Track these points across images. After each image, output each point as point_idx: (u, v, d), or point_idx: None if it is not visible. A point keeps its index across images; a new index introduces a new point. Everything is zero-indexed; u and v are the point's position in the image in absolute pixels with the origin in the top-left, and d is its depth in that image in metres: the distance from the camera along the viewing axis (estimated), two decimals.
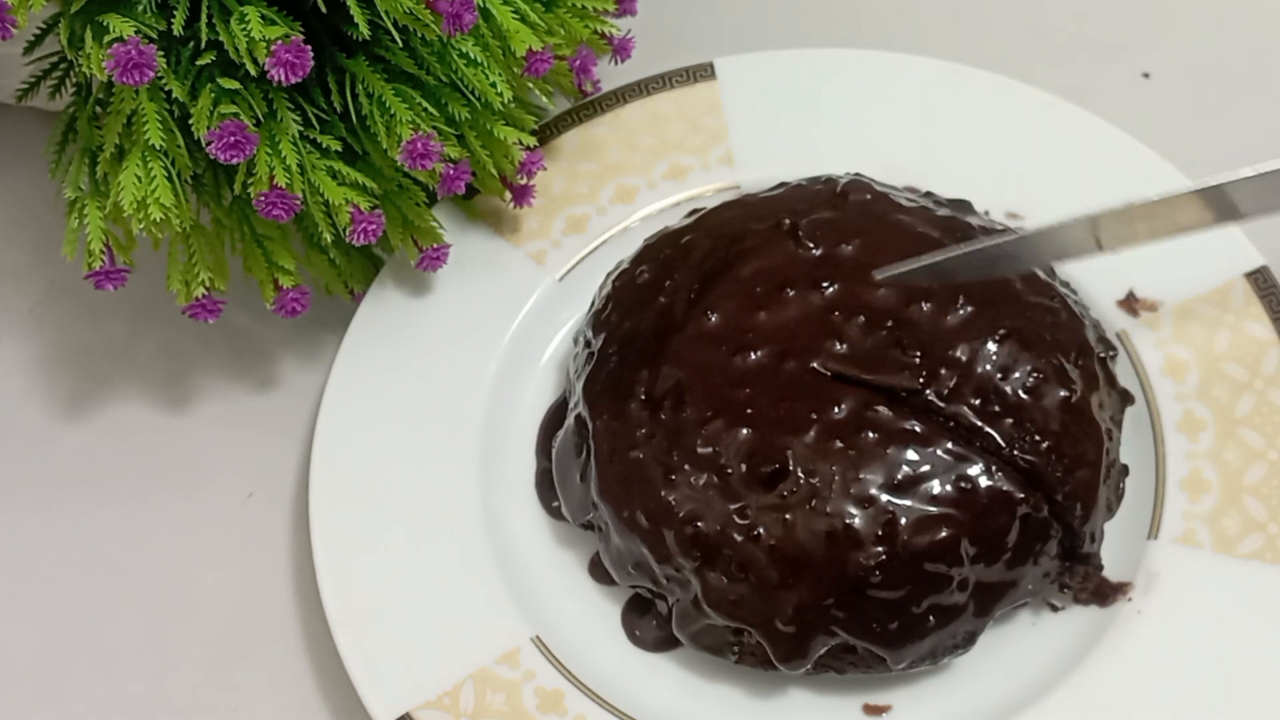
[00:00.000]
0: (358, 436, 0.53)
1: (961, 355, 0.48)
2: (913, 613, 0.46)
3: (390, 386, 0.54)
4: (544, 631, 0.49)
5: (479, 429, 0.53)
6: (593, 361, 0.52)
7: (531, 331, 0.56)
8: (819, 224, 0.52)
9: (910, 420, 0.47)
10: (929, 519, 0.46)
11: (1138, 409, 0.52)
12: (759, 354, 0.49)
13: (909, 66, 0.60)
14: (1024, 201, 0.56)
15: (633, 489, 0.49)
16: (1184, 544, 0.49)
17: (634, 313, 0.52)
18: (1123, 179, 0.56)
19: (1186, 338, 0.53)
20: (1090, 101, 0.63)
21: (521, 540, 0.52)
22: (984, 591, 0.47)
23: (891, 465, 0.47)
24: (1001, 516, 0.47)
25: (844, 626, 0.46)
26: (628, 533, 0.48)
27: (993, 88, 0.59)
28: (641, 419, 0.49)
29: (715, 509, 0.47)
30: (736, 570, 0.46)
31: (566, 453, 0.52)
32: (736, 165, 0.58)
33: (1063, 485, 0.47)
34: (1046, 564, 0.48)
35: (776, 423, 0.48)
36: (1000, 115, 0.58)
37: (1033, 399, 0.48)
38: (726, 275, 0.51)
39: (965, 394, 0.48)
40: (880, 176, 0.55)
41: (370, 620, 0.49)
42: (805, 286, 0.50)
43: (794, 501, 0.46)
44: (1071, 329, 0.50)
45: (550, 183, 0.58)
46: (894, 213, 0.52)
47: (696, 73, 0.60)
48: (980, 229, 0.52)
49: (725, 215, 0.54)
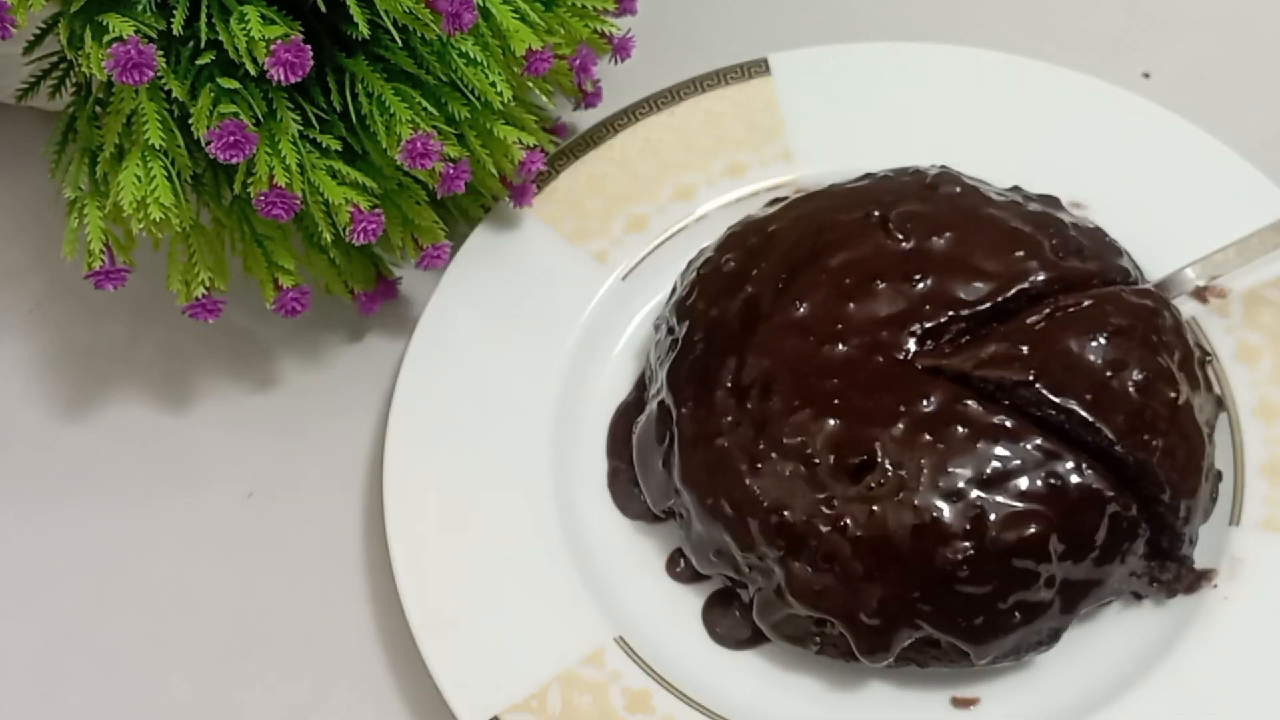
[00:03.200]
0: (429, 440, 0.52)
1: (1072, 349, 0.48)
2: (999, 608, 0.46)
3: (457, 391, 0.53)
4: (626, 631, 0.49)
5: (550, 428, 0.53)
6: (677, 348, 0.52)
7: (599, 328, 0.56)
8: (909, 216, 0.52)
9: (1000, 415, 0.47)
10: (1018, 515, 0.46)
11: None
12: (848, 345, 0.49)
13: (962, 58, 0.59)
14: (1087, 191, 0.56)
15: (717, 477, 0.48)
16: (1267, 529, 0.49)
17: (720, 300, 0.52)
18: (1183, 165, 0.56)
19: (1258, 323, 0.53)
20: None
21: (598, 540, 0.52)
22: (1070, 589, 0.47)
23: (981, 460, 0.46)
24: (1090, 514, 0.46)
25: (929, 620, 0.46)
26: (711, 520, 0.48)
27: (1046, 77, 0.59)
28: (727, 407, 0.49)
29: (801, 499, 0.47)
30: (821, 561, 0.46)
31: (648, 439, 0.52)
32: (794, 161, 0.58)
33: (1171, 486, 0.47)
34: (1134, 563, 0.48)
35: (864, 414, 0.47)
36: (1056, 104, 0.58)
37: (1144, 397, 0.47)
38: (815, 265, 0.51)
39: (1078, 387, 0.47)
40: None
41: (452, 626, 0.49)
42: (896, 279, 0.50)
43: (881, 493, 0.46)
44: (1175, 331, 0.50)
45: (608, 181, 0.58)
46: (985, 206, 0.52)
47: (751, 69, 0.60)
48: (1072, 226, 0.52)
49: (812, 205, 0.54)
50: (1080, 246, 0.51)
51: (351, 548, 0.54)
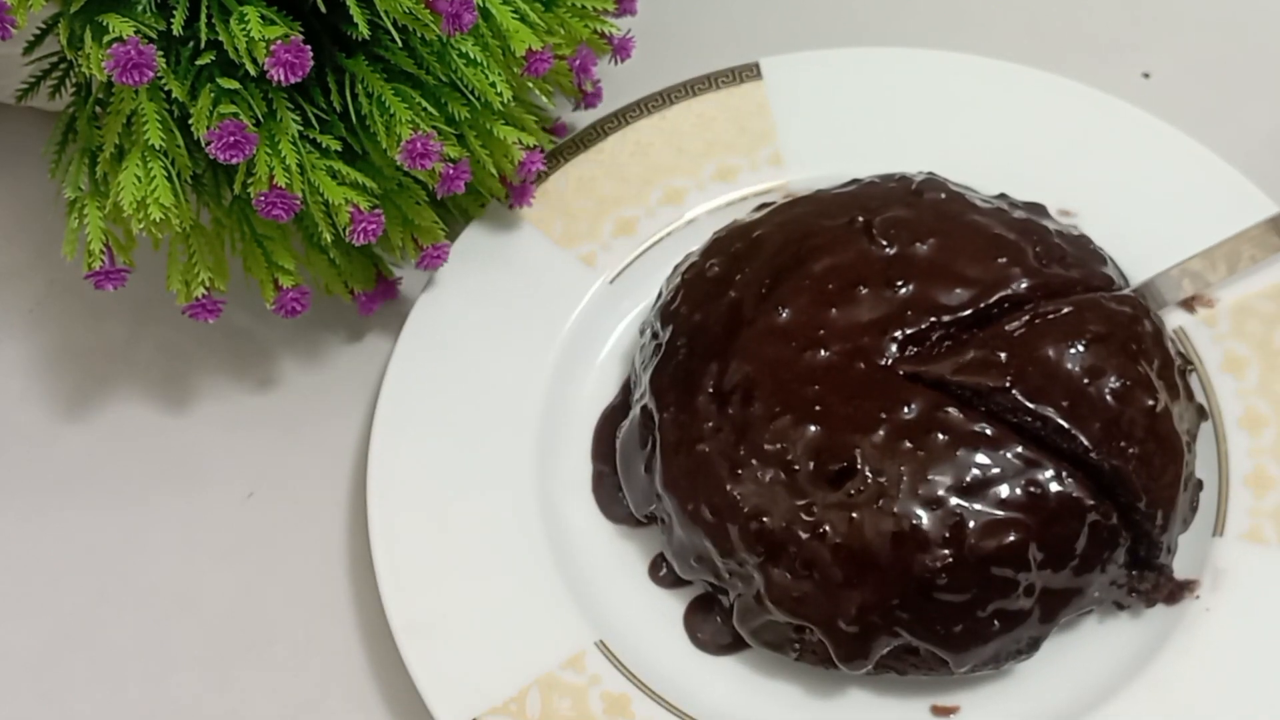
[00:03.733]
0: (414, 441, 0.52)
1: (1050, 356, 0.48)
2: (978, 616, 0.46)
3: (444, 392, 0.53)
4: (608, 636, 0.49)
5: (535, 431, 0.53)
6: (660, 353, 0.52)
7: (586, 331, 0.56)
8: (893, 222, 0.52)
9: (981, 423, 0.47)
10: (997, 523, 0.46)
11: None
12: (829, 351, 0.49)
13: (954, 64, 0.59)
14: (1076, 198, 0.56)
15: (698, 482, 0.48)
16: (1250, 540, 0.49)
17: (704, 305, 0.52)
18: (1172, 172, 0.56)
19: (1245, 333, 0.53)
20: None
21: (582, 543, 0.52)
22: (1050, 597, 0.46)
23: (960, 467, 0.46)
24: (1070, 523, 0.46)
25: (907, 628, 0.46)
26: (692, 526, 0.48)
27: (1039, 84, 0.59)
28: (709, 412, 0.49)
29: (781, 505, 0.47)
30: (800, 567, 0.46)
31: (631, 444, 0.52)
32: (785, 165, 0.58)
33: (1147, 493, 0.47)
34: (1114, 572, 0.48)
35: (845, 421, 0.47)
36: (1046, 111, 0.58)
37: (1120, 405, 0.47)
38: (798, 271, 0.51)
39: (1054, 395, 0.47)
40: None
41: (433, 627, 0.49)
42: (879, 285, 0.50)
43: (861, 500, 0.46)
44: (1156, 339, 0.50)
45: (598, 185, 0.58)
46: (969, 213, 0.52)
47: (742, 73, 0.60)
48: (1057, 233, 0.52)
49: (797, 210, 0.54)
50: (1063, 254, 0.51)
51: (351, 547, 0.54)
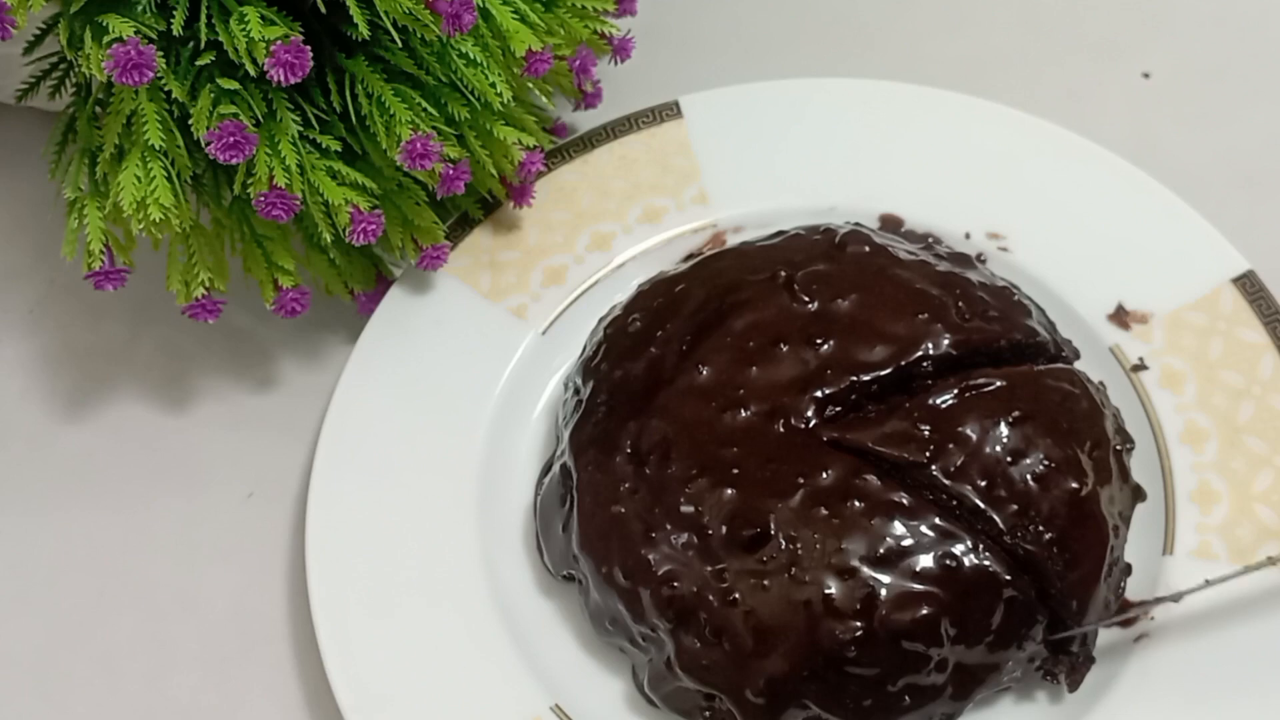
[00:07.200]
0: (351, 513, 0.51)
1: (972, 433, 0.46)
2: (888, 691, 0.44)
3: (379, 455, 0.52)
4: (562, 698, 0.48)
5: (474, 494, 0.52)
6: (581, 409, 0.51)
7: (520, 385, 0.54)
8: (815, 277, 0.51)
9: (899, 492, 0.46)
10: (910, 595, 0.44)
11: (1139, 423, 0.51)
12: (749, 411, 0.48)
13: (873, 92, 0.59)
14: (1004, 223, 0.55)
15: (612, 544, 0.47)
16: (1200, 557, 0.48)
17: (624, 361, 0.51)
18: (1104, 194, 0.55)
19: (1180, 347, 0.52)
20: (1090, 102, 0.63)
21: (529, 604, 0.51)
22: (964, 673, 0.45)
23: (875, 537, 0.45)
24: (986, 597, 0.45)
25: (816, 700, 0.45)
26: (606, 588, 0.47)
27: (960, 108, 0.58)
28: (626, 473, 0.48)
29: (693, 570, 0.46)
30: (710, 635, 0.45)
31: (551, 502, 0.50)
32: (711, 203, 0.57)
33: (1061, 580, 0.46)
34: (1032, 649, 0.46)
35: (761, 485, 0.46)
36: (970, 135, 0.57)
37: (1040, 487, 0.46)
38: (719, 327, 0.50)
39: (971, 474, 0.46)
40: (855, 204, 0.55)
41: (384, 703, 0.47)
42: (799, 343, 0.49)
43: (773, 568, 0.45)
44: (1090, 418, 0.48)
45: (525, 235, 0.57)
46: (892, 267, 0.51)
47: (662, 112, 0.59)
48: (980, 284, 0.51)
49: (721, 264, 0.53)
50: (986, 307, 0.50)
51: None
